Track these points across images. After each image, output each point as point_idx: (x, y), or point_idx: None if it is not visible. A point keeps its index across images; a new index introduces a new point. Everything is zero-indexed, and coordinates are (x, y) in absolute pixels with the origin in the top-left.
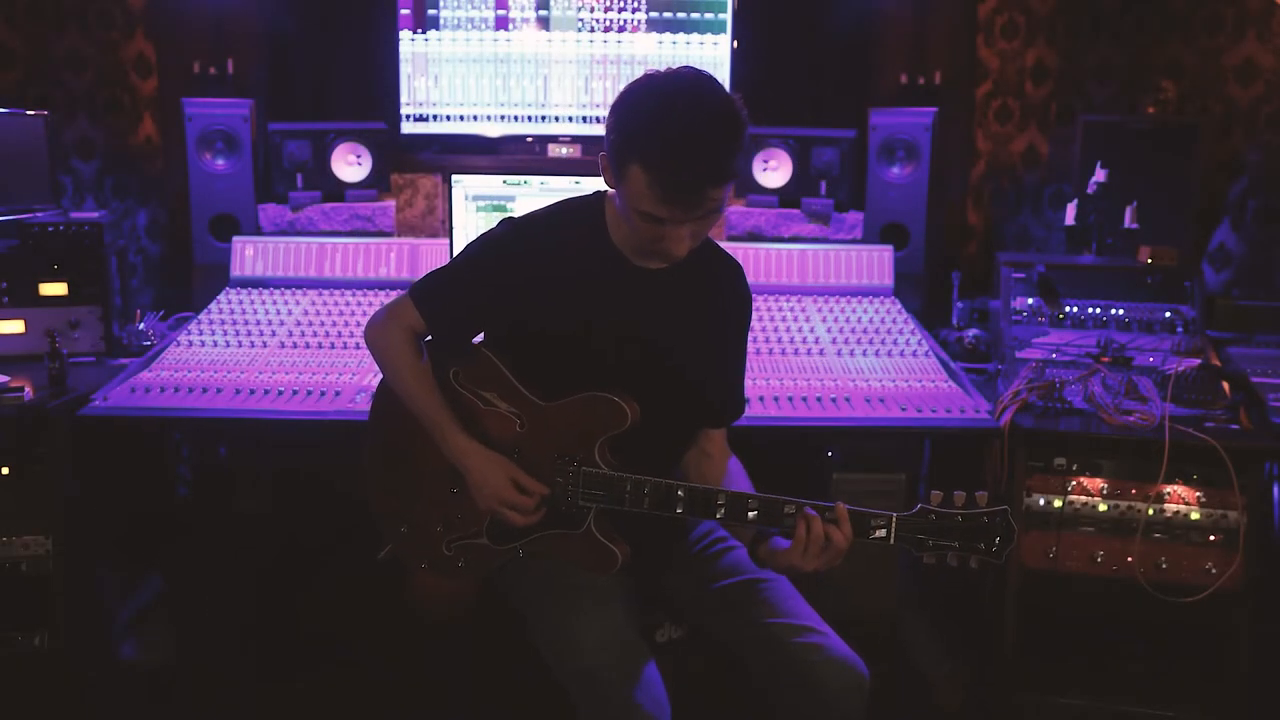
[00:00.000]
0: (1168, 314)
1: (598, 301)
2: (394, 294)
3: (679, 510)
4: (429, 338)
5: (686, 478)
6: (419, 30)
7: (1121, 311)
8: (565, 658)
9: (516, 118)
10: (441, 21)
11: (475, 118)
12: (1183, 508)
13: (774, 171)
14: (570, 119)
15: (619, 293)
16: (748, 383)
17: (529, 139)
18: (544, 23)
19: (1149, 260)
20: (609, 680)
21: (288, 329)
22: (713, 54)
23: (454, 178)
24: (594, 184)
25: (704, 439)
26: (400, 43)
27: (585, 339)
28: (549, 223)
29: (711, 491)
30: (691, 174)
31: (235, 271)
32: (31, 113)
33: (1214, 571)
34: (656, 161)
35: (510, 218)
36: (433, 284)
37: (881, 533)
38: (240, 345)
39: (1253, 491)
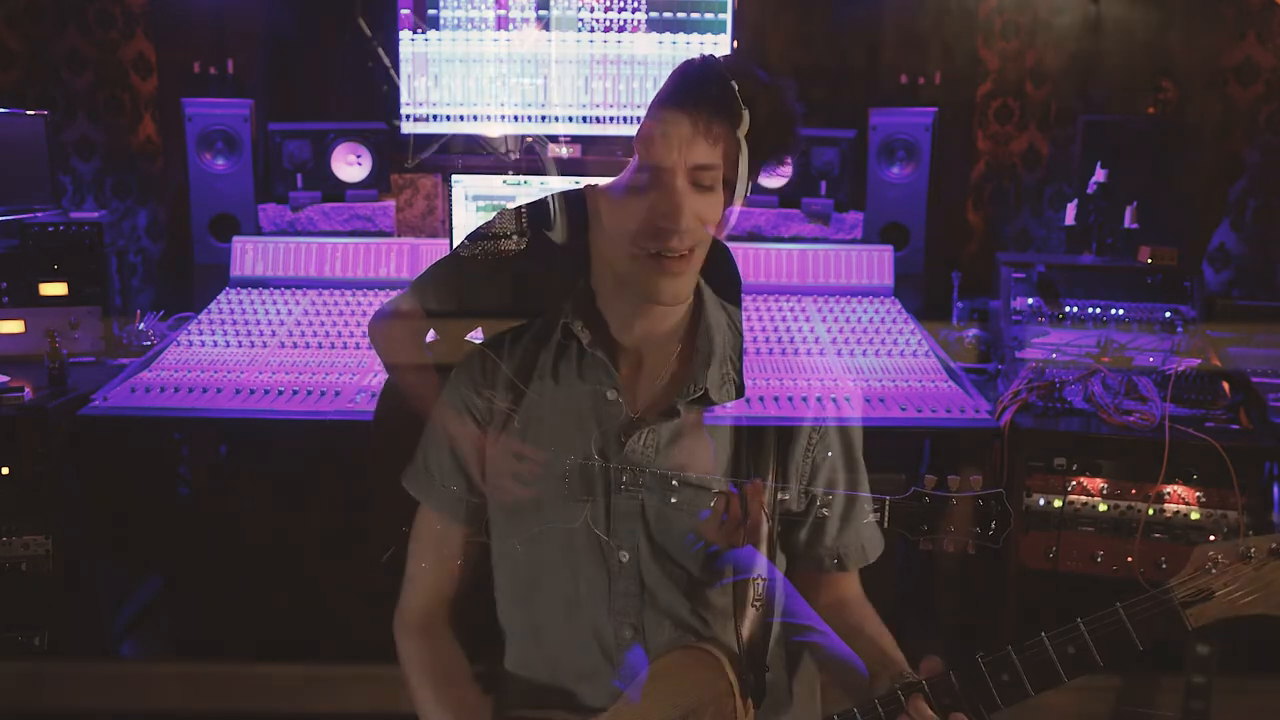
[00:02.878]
0: (1168, 314)
1: None
2: (394, 294)
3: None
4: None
5: None
6: (419, 30)
7: (1121, 311)
8: None
9: (516, 118)
10: (441, 21)
11: (475, 118)
12: (1183, 508)
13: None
14: (570, 119)
15: None
16: (747, 382)
17: (529, 139)
18: (544, 23)
19: (1149, 260)
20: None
21: (288, 329)
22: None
23: (454, 178)
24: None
25: None
26: (400, 43)
27: None
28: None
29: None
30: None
31: (235, 271)
32: (31, 113)
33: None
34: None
35: (505, 209)
36: (432, 276)
37: (874, 517)
38: (240, 345)
39: (1253, 491)
